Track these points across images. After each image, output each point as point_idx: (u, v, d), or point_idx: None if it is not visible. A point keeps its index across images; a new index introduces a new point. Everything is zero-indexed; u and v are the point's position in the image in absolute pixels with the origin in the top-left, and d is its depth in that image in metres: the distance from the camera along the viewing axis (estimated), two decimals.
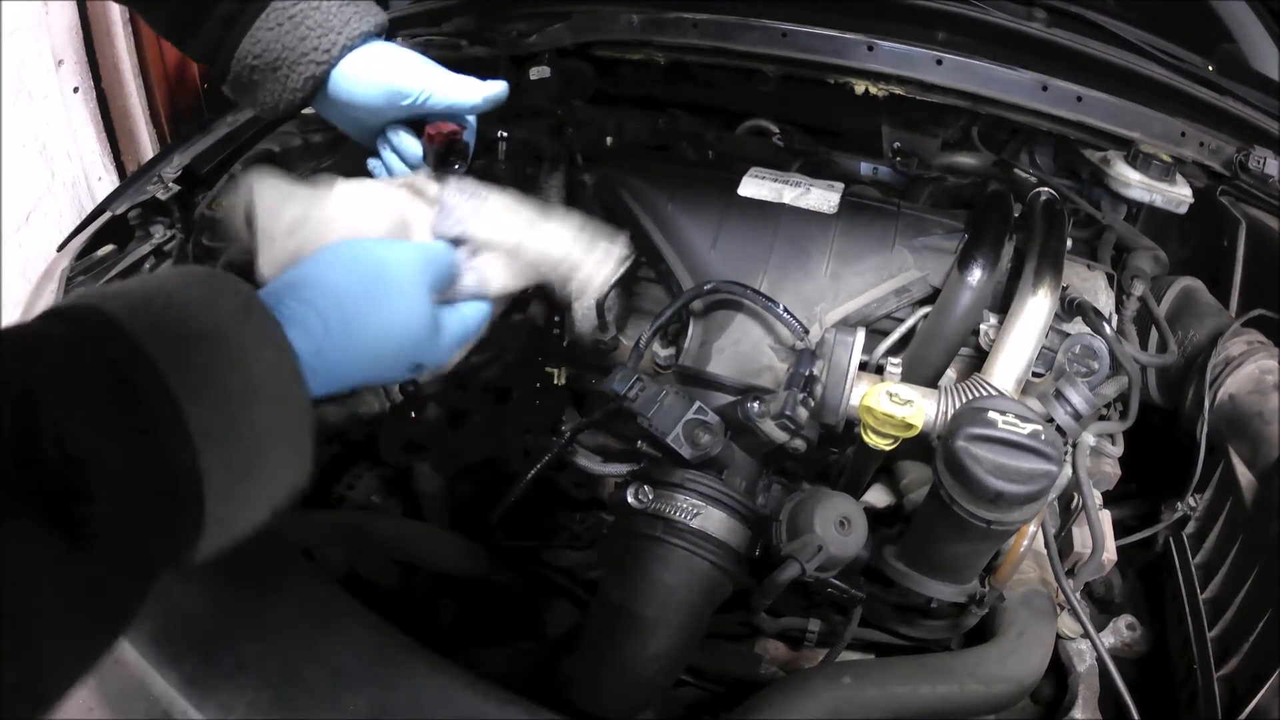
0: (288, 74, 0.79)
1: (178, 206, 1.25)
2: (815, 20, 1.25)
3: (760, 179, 1.16)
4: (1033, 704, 0.99)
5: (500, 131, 1.22)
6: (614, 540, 0.95)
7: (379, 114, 0.82)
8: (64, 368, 0.43)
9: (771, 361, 1.05)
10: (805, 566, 0.85)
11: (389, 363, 0.63)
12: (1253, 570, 0.88)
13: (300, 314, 0.56)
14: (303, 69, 0.79)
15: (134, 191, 1.26)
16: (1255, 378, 1.01)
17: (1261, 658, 0.81)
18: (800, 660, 1.05)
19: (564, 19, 1.39)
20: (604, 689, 0.86)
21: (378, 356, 0.61)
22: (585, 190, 1.21)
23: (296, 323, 0.55)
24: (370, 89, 0.81)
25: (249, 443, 0.49)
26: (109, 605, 0.44)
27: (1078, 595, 0.92)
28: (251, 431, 0.49)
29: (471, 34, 1.46)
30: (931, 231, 1.10)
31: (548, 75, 1.40)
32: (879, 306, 1.06)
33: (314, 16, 0.78)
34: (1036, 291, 0.99)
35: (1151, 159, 1.17)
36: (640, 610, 0.88)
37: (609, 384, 0.90)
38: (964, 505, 0.77)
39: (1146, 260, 1.16)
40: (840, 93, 1.29)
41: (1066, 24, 1.43)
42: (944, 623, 1.00)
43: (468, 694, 0.72)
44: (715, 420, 0.90)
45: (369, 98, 0.81)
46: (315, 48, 0.78)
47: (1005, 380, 0.97)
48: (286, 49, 0.78)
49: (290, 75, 0.79)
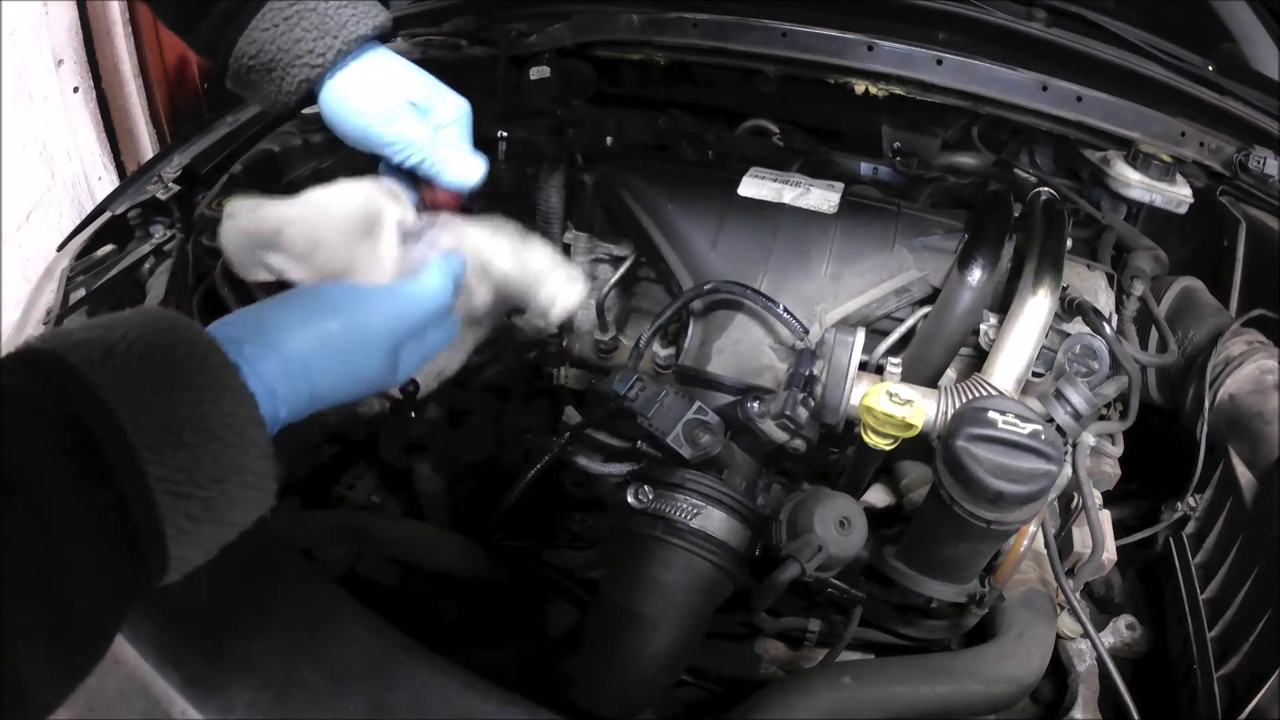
0: (281, 76, 0.78)
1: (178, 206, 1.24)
2: (815, 20, 1.25)
3: (760, 179, 1.16)
4: (1033, 704, 0.99)
5: (500, 131, 1.22)
6: (614, 540, 0.95)
7: (370, 141, 0.80)
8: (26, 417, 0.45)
9: (771, 361, 1.05)
10: (805, 566, 0.85)
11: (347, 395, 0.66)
12: (1253, 570, 0.88)
13: (258, 356, 0.57)
14: (296, 72, 0.78)
15: (134, 191, 1.26)
16: (1255, 378, 1.01)
17: (1261, 658, 0.81)
18: (800, 660, 1.05)
19: (564, 19, 1.39)
20: (604, 689, 0.86)
21: (335, 392, 0.64)
22: (585, 190, 1.21)
23: (256, 364, 0.57)
24: (361, 116, 0.79)
25: (208, 490, 0.51)
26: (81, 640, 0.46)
27: (1078, 595, 0.92)
28: (209, 479, 0.51)
29: (471, 34, 1.46)
30: (932, 231, 1.10)
31: (548, 75, 1.40)
32: (879, 306, 1.06)
33: (310, 18, 0.77)
34: (1036, 291, 0.99)
35: (1151, 159, 1.17)
36: (640, 610, 0.88)
37: (609, 384, 0.90)
38: (964, 505, 0.77)
39: (1146, 260, 1.16)
40: (840, 93, 1.29)
41: (1066, 24, 1.43)
42: (944, 623, 1.00)
43: (468, 694, 0.72)
44: (715, 420, 0.90)
45: (358, 124, 0.79)
46: (310, 50, 0.77)
47: (1005, 380, 0.97)
48: (281, 50, 0.77)
49: (284, 78, 0.78)
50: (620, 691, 0.86)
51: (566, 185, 1.23)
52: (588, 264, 1.24)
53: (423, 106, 0.81)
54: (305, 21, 0.78)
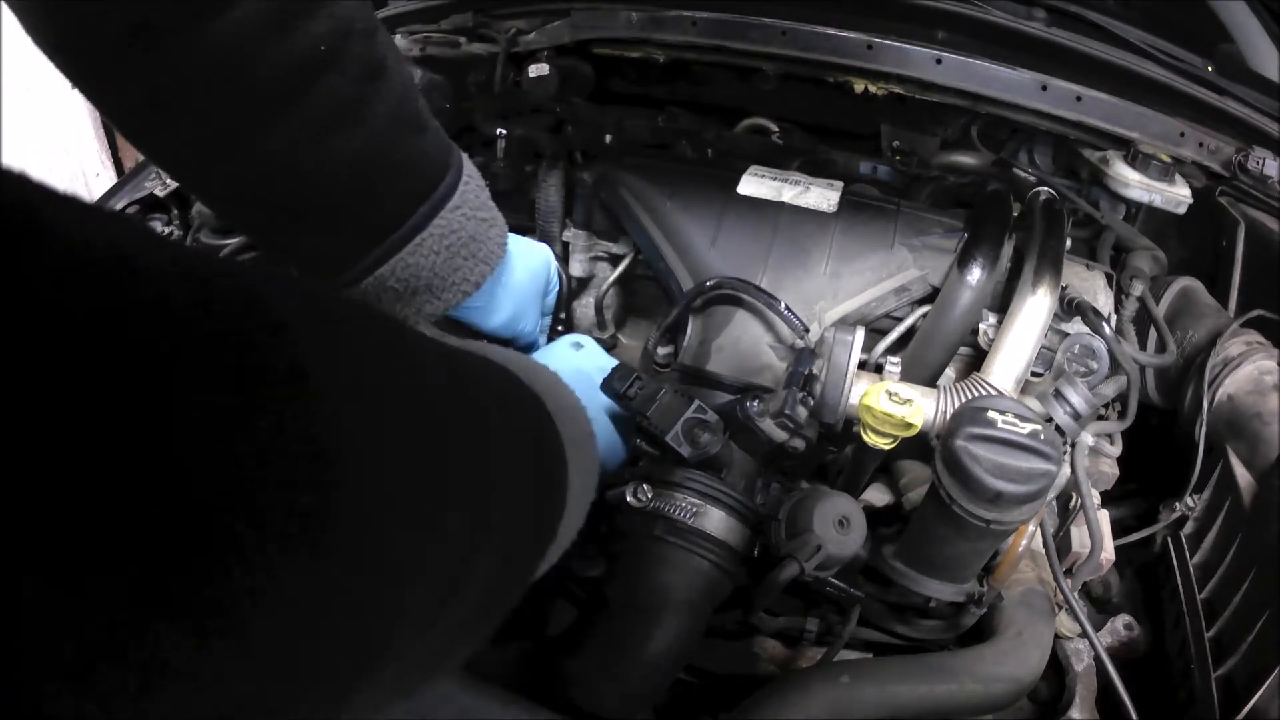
0: (426, 300, 0.80)
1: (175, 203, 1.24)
2: (815, 18, 1.25)
3: (759, 177, 1.16)
4: (1030, 703, 0.99)
5: (499, 129, 1.22)
6: (613, 539, 0.95)
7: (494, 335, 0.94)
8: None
9: (771, 360, 1.05)
10: (804, 565, 0.84)
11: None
12: (1251, 570, 0.88)
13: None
14: (449, 296, 0.81)
15: (132, 188, 1.26)
16: (1254, 378, 1.01)
17: (1259, 658, 0.82)
18: (798, 659, 1.05)
19: (563, 16, 1.39)
20: (603, 688, 0.86)
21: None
22: (584, 188, 1.21)
23: None
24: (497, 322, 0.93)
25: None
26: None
27: (1076, 595, 0.92)
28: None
29: (470, 31, 1.46)
30: (931, 230, 1.10)
31: (546, 73, 1.40)
32: (878, 305, 1.06)
33: (470, 246, 0.82)
34: (1036, 291, 0.99)
35: (1151, 159, 1.17)
36: (639, 609, 0.88)
37: (608, 382, 0.90)
38: (963, 504, 0.77)
39: (1145, 260, 1.16)
40: (839, 91, 1.29)
41: (1066, 24, 1.43)
42: (942, 622, 1.00)
43: (468, 694, 0.71)
44: (715, 419, 0.89)
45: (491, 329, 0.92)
46: (465, 279, 0.82)
47: (1004, 380, 0.97)
48: (437, 277, 0.79)
49: (430, 301, 0.81)
50: (619, 690, 0.86)
51: (565, 183, 1.23)
52: (586, 261, 1.24)
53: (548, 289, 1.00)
54: (464, 250, 0.78)
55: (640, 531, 0.91)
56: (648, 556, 0.90)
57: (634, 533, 0.91)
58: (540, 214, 1.23)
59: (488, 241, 0.81)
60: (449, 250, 0.76)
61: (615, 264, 1.22)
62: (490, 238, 0.82)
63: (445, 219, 0.76)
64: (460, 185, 0.78)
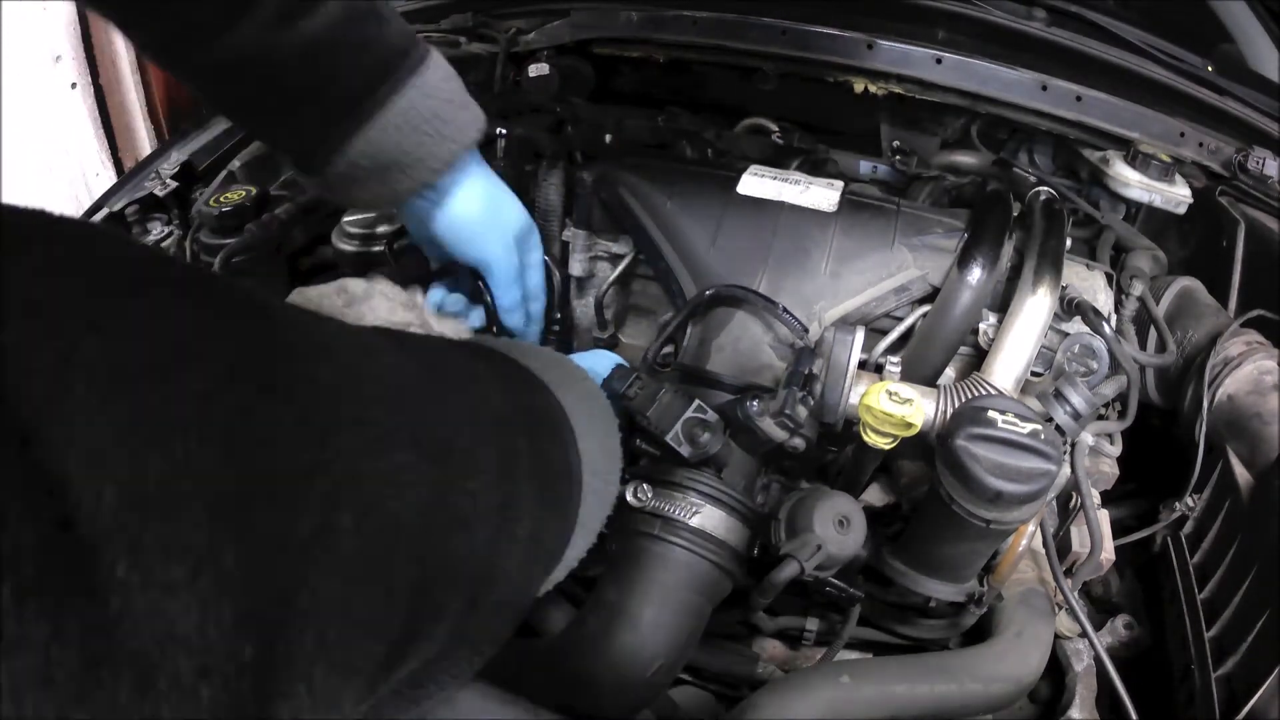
0: (398, 178, 0.82)
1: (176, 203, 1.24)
2: (815, 18, 1.25)
3: (760, 177, 1.16)
4: (1030, 703, 0.99)
5: (499, 129, 1.22)
6: (612, 538, 0.95)
7: (464, 253, 0.92)
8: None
9: (771, 360, 1.05)
10: (804, 565, 0.84)
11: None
12: (1251, 570, 0.88)
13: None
14: (416, 174, 0.82)
15: (132, 188, 1.26)
16: (1254, 378, 1.01)
17: (1259, 658, 0.81)
18: (798, 659, 1.05)
19: (563, 16, 1.39)
20: (603, 688, 0.86)
21: None
22: (584, 187, 1.21)
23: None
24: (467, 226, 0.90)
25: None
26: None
27: (1076, 595, 0.92)
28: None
29: (470, 31, 1.46)
30: (931, 230, 1.10)
31: (547, 72, 1.40)
32: (878, 305, 1.06)
33: (433, 122, 0.81)
34: (1036, 291, 0.99)
35: (1151, 159, 1.17)
36: (639, 609, 0.87)
37: (608, 383, 0.90)
38: (963, 504, 0.77)
39: (1145, 260, 1.16)
40: (839, 91, 1.29)
41: (1066, 23, 1.43)
42: (942, 622, 1.00)
43: (468, 694, 0.71)
44: (715, 419, 0.89)
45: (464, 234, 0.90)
46: (431, 154, 0.82)
47: (1004, 379, 0.97)
48: (403, 153, 0.80)
49: (401, 179, 0.82)
50: (619, 690, 0.86)
51: (565, 183, 1.23)
52: (586, 261, 1.24)
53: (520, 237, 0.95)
54: (428, 125, 0.80)
55: (640, 531, 0.91)
56: (647, 556, 0.90)
57: (633, 532, 0.91)
58: (540, 214, 1.23)
59: (455, 121, 0.83)
60: (411, 126, 0.79)
61: (615, 263, 1.22)
62: (460, 120, 0.84)
63: (407, 97, 0.79)
64: (424, 69, 0.81)
